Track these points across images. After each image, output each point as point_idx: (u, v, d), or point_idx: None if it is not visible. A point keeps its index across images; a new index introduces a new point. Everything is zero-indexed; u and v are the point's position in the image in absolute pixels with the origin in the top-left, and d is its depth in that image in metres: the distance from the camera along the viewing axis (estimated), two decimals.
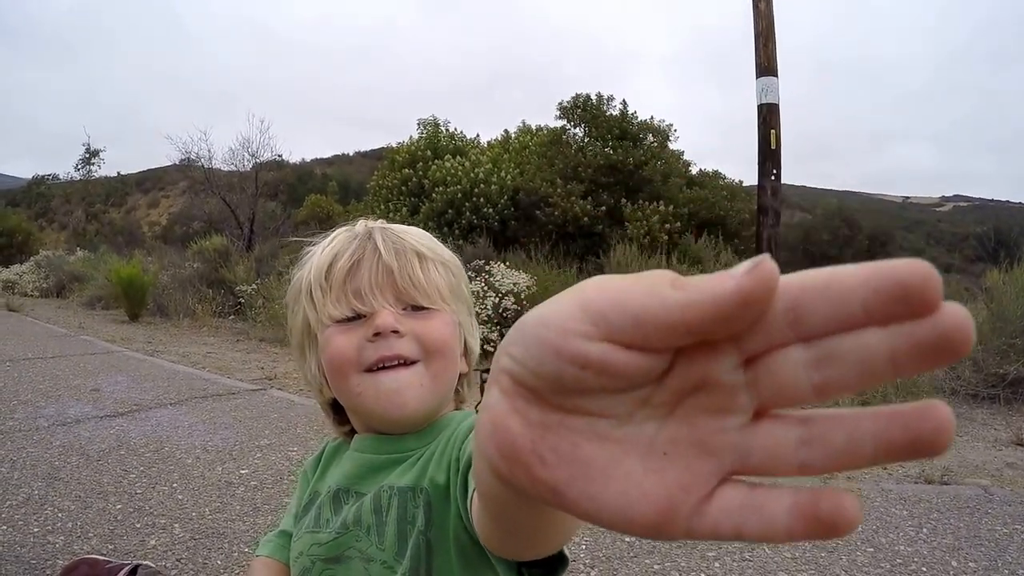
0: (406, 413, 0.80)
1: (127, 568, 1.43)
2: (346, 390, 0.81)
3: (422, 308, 0.81)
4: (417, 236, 0.85)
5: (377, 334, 0.77)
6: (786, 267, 0.22)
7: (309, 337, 0.85)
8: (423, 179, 10.26)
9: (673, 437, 0.24)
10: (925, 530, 1.99)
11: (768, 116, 6.85)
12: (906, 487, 2.41)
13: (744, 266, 0.22)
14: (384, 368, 0.79)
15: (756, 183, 7.18)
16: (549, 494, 0.24)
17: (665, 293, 0.22)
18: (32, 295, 11.43)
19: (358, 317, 0.79)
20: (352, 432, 0.91)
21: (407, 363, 0.79)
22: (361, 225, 0.86)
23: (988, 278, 5.15)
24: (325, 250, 0.83)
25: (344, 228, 0.87)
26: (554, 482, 0.24)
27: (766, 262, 0.21)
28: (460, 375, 0.89)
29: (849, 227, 33.86)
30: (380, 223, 0.88)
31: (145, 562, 1.55)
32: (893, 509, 2.17)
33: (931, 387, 3.69)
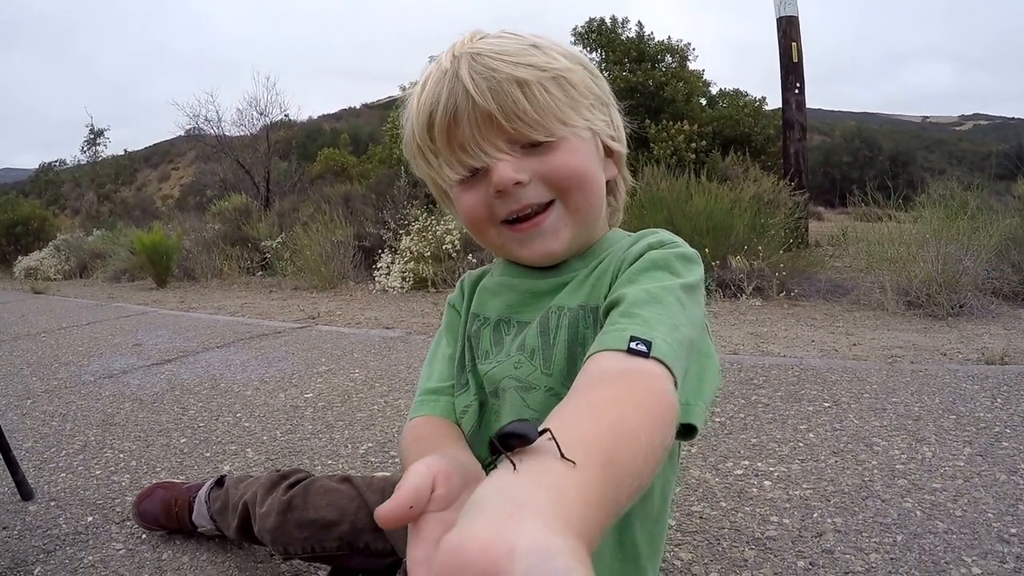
0: (554, 257, 0.72)
1: (211, 481, 1.30)
2: (488, 242, 0.76)
3: (539, 143, 0.68)
4: (513, 55, 0.67)
5: (500, 191, 0.68)
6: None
7: (440, 189, 0.79)
8: None
9: None
10: (999, 400, 1.99)
11: (788, 29, 6.65)
12: (970, 367, 2.39)
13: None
14: (521, 219, 0.71)
15: (778, 103, 7.08)
16: None
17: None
18: (55, 278, 11.38)
19: (476, 171, 0.70)
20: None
21: (542, 206, 0.70)
22: (448, 57, 0.70)
23: (1020, 185, 5.37)
24: (421, 97, 0.72)
25: (435, 60, 0.74)
26: None
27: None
28: (607, 183, 0.76)
29: (869, 148, 33.25)
30: (469, 44, 0.70)
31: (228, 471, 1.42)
32: (964, 384, 2.16)
33: (974, 287, 3.57)
